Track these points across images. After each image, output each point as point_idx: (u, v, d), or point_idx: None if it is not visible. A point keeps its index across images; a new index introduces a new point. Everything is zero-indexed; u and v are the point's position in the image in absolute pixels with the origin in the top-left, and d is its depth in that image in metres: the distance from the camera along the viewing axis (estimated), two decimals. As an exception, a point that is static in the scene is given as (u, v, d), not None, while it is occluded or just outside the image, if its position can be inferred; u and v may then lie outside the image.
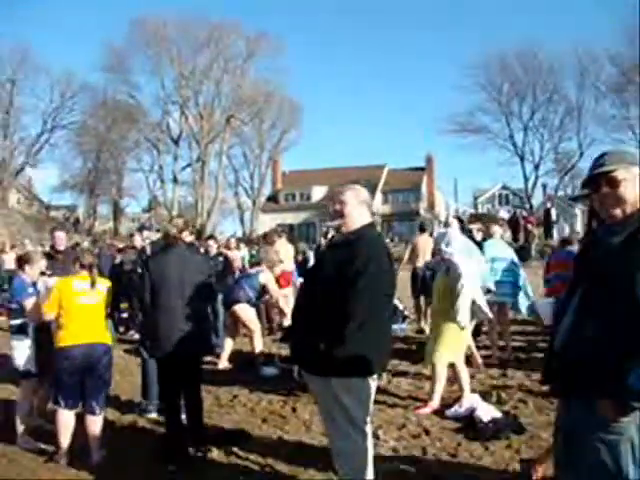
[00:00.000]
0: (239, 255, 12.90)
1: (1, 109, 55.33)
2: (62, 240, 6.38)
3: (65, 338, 5.24)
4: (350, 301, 3.56)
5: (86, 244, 22.02)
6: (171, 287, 5.28)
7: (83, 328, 5.27)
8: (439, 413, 6.28)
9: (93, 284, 5.33)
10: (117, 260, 13.39)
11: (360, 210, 3.89)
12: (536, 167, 54.83)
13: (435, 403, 6.41)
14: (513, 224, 28.34)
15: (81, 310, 5.28)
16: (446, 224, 11.86)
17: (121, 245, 18.05)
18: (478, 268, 6.76)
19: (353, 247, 3.73)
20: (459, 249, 6.42)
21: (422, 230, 11.97)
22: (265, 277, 8.85)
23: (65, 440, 5.29)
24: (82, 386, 5.31)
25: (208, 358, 7.93)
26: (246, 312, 8.70)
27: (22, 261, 5.96)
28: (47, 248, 8.02)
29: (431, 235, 10.99)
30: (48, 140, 58.65)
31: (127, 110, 55.89)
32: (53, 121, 58.55)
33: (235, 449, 5.40)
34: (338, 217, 3.91)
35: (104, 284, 5.56)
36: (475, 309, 6.24)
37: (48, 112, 58.13)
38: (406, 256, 11.55)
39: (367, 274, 3.59)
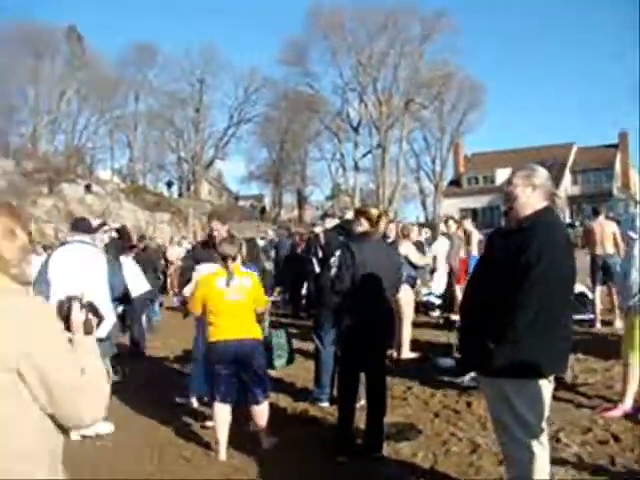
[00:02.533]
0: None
1: (192, 107, 59.09)
2: (220, 230, 6.38)
3: (214, 334, 5.27)
4: (521, 294, 3.21)
5: (271, 233, 22.66)
6: (369, 276, 5.07)
7: (231, 324, 5.24)
8: (631, 417, 5.60)
9: (229, 281, 5.25)
10: (300, 248, 13.66)
11: (533, 193, 3.48)
12: None
13: (627, 405, 5.74)
14: None
15: (227, 307, 5.25)
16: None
17: (304, 232, 18.44)
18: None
19: (525, 234, 3.37)
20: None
21: (596, 214, 10.93)
22: (406, 246, 8.65)
23: (223, 434, 5.29)
24: (239, 379, 5.31)
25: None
26: (408, 294, 8.48)
27: None
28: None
29: (609, 218, 10.06)
30: (235, 134, 62.19)
31: (308, 100, 57.23)
32: (239, 115, 61.81)
33: (404, 444, 5.20)
34: (507, 201, 3.57)
35: (249, 278, 5.44)
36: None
37: (234, 107, 61.54)
38: (581, 242, 10.71)
39: (541, 264, 3.22)
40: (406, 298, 8.46)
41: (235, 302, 5.24)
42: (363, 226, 5.29)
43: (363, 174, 59.71)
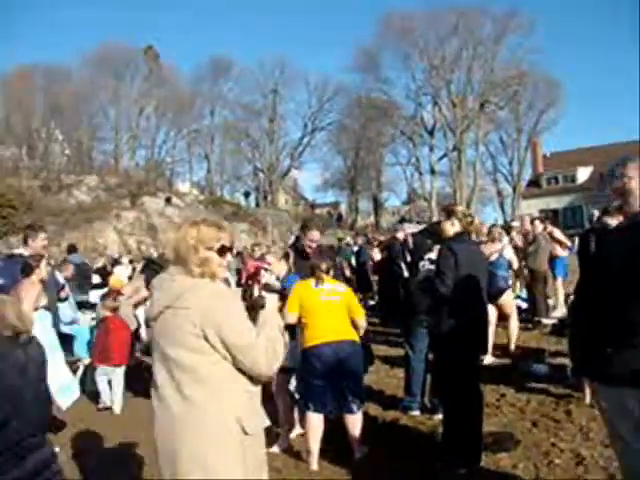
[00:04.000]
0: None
1: (266, 118, 59.80)
2: (316, 240, 6.35)
3: (312, 337, 5.20)
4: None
5: (349, 239, 22.59)
6: (468, 277, 4.83)
7: (328, 325, 5.19)
8: None
9: (321, 285, 5.32)
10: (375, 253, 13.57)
11: None
12: None
13: None
14: None
15: (323, 306, 5.20)
16: None
17: (382, 238, 18.30)
18: None
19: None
20: None
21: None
22: (509, 249, 8.38)
23: (315, 444, 5.20)
24: (334, 388, 5.20)
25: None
26: (510, 300, 8.20)
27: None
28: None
29: None
30: (309, 142, 62.44)
31: (381, 106, 56.95)
32: (312, 124, 62.04)
33: (503, 455, 4.98)
34: (619, 196, 3.27)
35: (342, 285, 5.53)
36: None
37: (307, 116, 61.82)
38: None
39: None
40: (509, 303, 8.22)
41: (331, 302, 5.21)
42: (455, 227, 5.09)
43: (439, 178, 59.01)
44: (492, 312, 8.47)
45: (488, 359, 8.24)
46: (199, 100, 58.95)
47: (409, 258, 7.02)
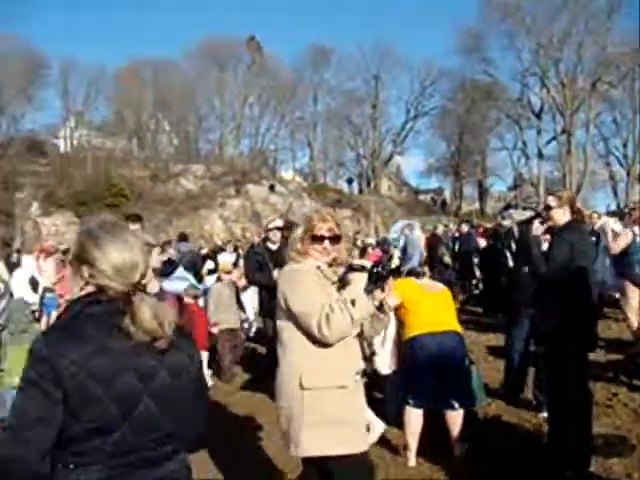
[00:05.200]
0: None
1: (369, 104, 59.54)
2: None
3: (415, 326, 5.06)
4: None
5: (452, 226, 22.16)
6: (583, 268, 4.56)
7: (432, 315, 5.03)
8: None
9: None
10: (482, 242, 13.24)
11: None
12: None
13: None
14: None
15: (426, 296, 5.06)
16: None
17: (489, 225, 17.84)
18: None
19: None
20: None
21: None
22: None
23: (414, 440, 5.04)
24: (436, 381, 4.98)
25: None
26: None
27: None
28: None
29: None
30: (412, 128, 61.57)
31: (485, 89, 55.44)
32: (415, 109, 61.14)
33: (615, 461, 4.62)
34: None
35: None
36: None
37: (410, 101, 60.89)
38: None
39: None
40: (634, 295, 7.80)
41: (436, 293, 5.05)
42: (566, 214, 4.72)
43: (547, 162, 56.83)
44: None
45: (599, 354, 7.78)
46: (301, 88, 59.25)
47: (514, 247, 6.74)
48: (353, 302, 3.02)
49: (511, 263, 6.92)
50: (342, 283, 3.25)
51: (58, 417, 1.75)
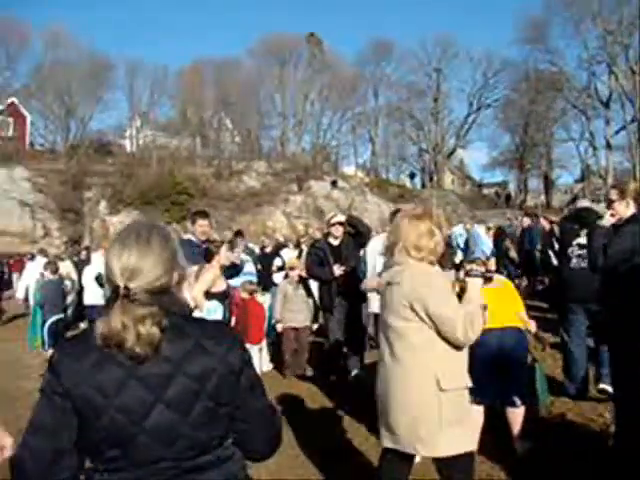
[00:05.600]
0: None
1: (430, 97, 59.02)
2: None
3: None
4: None
5: (516, 220, 21.70)
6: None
7: (492, 312, 4.91)
8: None
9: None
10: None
11: None
12: None
13: None
14: None
15: (487, 292, 4.96)
16: None
17: (554, 218, 17.44)
18: None
19: None
20: None
21: None
22: None
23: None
24: (496, 378, 4.88)
25: None
26: None
27: None
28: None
29: None
30: (475, 120, 61.06)
31: (550, 79, 54.20)
32: (478, 101, 60.55)
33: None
34: None
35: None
36: None
37: (473, 93, 60.40)
38: None
39: None
40: None
41: (494, 288, 4.94)
42: (630, 207, 4.56)
43: (616, 152, 55.18)
44: None
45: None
46: (362, 83, 59.23)
47: (557, 246, 6.67)
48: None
49: (555, 262, 6.80)
50: (461, 287, 3.43)
51: (66, 425, 1.76)
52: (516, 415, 4.97)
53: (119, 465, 1.76)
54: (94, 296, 10.29)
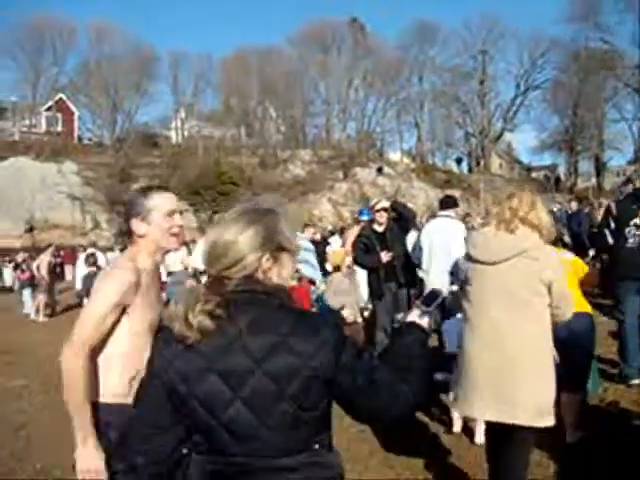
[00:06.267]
0: None
1: (476, 80, 58.13)
2: None
3: None
4: None
5: (567, 204, 21.29)
6: None
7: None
8: None
9: None
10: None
11: None
12: None
13: None
14: None
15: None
16: None
17: (605, 201, 17.02)
18: None
19: None
20: None
21: None
22: None
23: None
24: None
25: None
26: None
27: None
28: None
29: None
30: (522, 102, 60.12)
31: (601, 57, 52.87)
32: (525, 83, 59.58)
33: None
34: None
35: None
36: None
37: (520, 75, 59.42)
38: None
39: None
40: None
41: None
42: None
43: (672, 132, 53.76)
44: None
45: None
46: (406, 67, 58.65)
47: (613, 225, 6.48)
48: None
49: (611, 241, 6.60)
50: None
51: (163, 401, 1.81)
52: (571, 402, 4.82)
53: (202, 449, 1.78)
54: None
